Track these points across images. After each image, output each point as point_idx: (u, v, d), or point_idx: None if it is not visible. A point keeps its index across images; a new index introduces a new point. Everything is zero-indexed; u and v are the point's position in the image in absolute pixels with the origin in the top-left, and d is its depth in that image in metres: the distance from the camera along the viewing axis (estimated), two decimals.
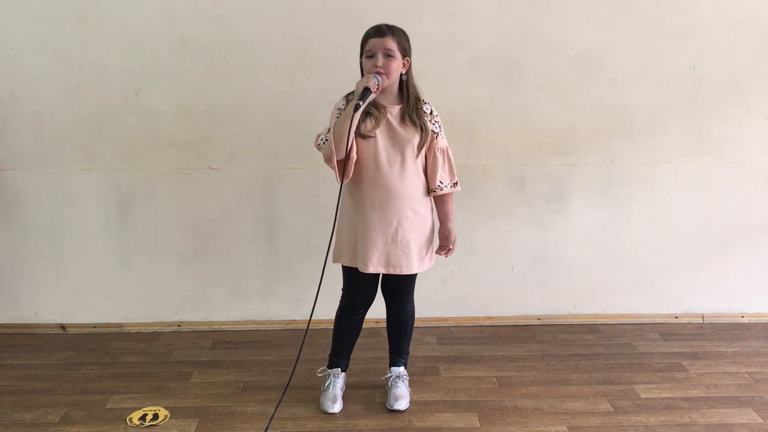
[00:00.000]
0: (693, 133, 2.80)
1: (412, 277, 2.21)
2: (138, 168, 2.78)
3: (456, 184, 2.16)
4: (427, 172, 2.14)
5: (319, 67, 2.68)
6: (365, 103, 1.96)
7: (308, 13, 2.64)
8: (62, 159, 2.76)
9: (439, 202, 2.18)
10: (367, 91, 1.95)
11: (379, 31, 2.01)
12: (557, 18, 2.67)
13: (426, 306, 2.93)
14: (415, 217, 2.10)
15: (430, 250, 2.19)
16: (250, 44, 2.66)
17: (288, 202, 2.83)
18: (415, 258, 2.12)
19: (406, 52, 2.05)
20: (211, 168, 2.79)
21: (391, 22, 2.06)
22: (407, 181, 2.07)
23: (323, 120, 2.25)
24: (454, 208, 2.19)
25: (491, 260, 2.91)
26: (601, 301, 2.97)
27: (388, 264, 2.11)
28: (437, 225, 2.21)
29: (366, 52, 2.03)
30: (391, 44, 2.00)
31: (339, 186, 2.05)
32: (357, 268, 2.13)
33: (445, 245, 2.22)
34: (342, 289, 2.26)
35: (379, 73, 1.99)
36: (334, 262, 2.20)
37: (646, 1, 2.66)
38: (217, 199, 2.82)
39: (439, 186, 2.12)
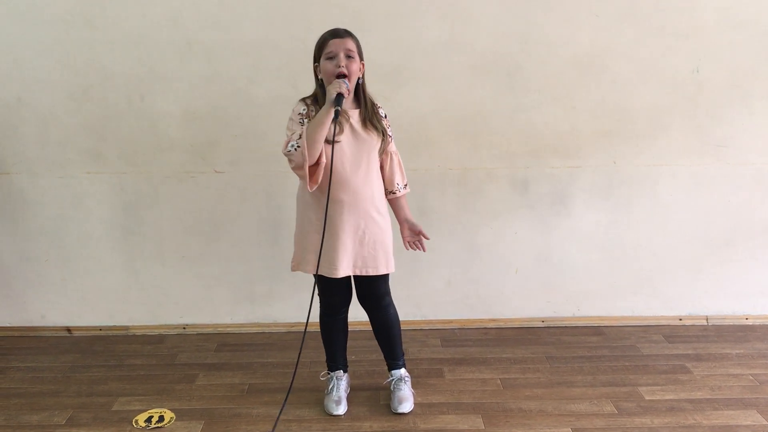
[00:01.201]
0: (695, 134, 2.80)
1: (384, 279, 2.20)
2: (143, 171, 2.80)
3: (407, 185, 2.22)
4: (384, 174, 2.17)
5: None
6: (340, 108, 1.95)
7: (311, 17, 2.65)
8: (68, 163, 2.78)
9: (396, 203, 2.22)
10: (340, 96, 1.93)
11: (337, 33, 2.02)
12: (559, 20, 2.68)
13: (430, 308, 2.95)
14: (380, 218, 2.13)
15: (391, 250, 2.19)
16: (254, 48, 2.68)
17: (292, 205, 2.82)
18: (382, 258, 2.13)
19: (362, 55, 2.06)
20: (215, 171, 2.81)
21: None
22: (371, 183, 2.10)
23: None
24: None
25: (494, 262, 2.92)
26: (605, 303, 2.97)
27: (355, 266, 2.11)
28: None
29: (326, 54, 2.01)
30: (352, 45, 2.01)
31: (310, 192, 2.03)
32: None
33: (415, 238, 2.23)
34: (318, 294, 2.23)
35: (342, 75, 1.98)
36: (293, 270, 2.20)
37: (647, 3, 2.67)
38: (221, 202, 2.83)
39: (397, 187, 2.18)
